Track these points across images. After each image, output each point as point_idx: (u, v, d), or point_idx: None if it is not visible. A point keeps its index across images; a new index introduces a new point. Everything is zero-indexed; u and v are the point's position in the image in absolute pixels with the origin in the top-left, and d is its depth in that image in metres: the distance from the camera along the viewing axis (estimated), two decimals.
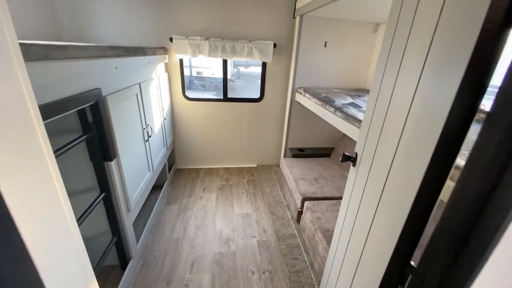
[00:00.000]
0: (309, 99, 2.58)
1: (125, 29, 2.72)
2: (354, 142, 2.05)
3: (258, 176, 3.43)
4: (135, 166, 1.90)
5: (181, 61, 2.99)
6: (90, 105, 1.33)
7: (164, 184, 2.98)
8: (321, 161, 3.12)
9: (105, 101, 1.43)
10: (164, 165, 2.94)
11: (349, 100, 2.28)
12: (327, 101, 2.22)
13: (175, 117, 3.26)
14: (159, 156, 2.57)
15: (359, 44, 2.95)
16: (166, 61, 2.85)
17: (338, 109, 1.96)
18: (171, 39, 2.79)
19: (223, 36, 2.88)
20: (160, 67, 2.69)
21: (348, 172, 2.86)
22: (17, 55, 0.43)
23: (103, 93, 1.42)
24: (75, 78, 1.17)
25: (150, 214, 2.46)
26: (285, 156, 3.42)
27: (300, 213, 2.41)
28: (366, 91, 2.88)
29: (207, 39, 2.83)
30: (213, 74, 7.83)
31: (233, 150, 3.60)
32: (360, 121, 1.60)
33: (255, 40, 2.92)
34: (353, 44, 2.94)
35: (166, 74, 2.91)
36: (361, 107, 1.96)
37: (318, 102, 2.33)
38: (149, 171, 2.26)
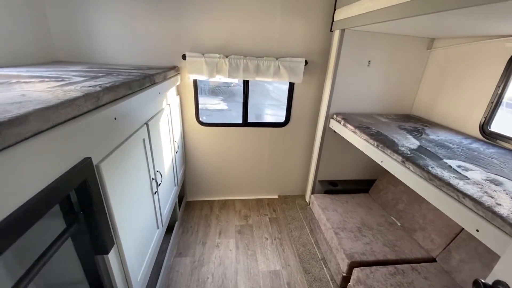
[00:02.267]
0: (354, 132, 2.09)
1: (130, 46, 2.26)
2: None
3: (282, 212, 2.95)
4: (140, 236, 1.44)
5: (195, 82, 2.53)
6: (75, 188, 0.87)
7: (174, 225, 2.52)
8: (359, 199, 2.62)
9: (97, 173, 0.97)
10: (175, 204, 2.48)
11: (413, 140, 1.78)
12: (384, 142, 1.74)
13: (187, 145, 2.81)
14: (169, 201, 2.11)
15: (409, 62, 2.45)
16: (178, 83, 2.39)
17: (409, 159, 1.47)
18: (184, 57, 2.34)
19: (245, 53, 2.42)
20: (171, 92, 2.23)
21: (395, 217, 2.39)
22: None
23: (95, 161, 0.96)
24: (43, 161, 0.71)
25: (160, 273, 1.99)
26: (314, 190, 2.93)
27: (345, 279, 1.92)
28: (419, 120, 2.38)
29: (227, 56, 2.36)
30: (220, 79, 7.51)
31: (252, 179, 3.13)
32: (468, 197, 1.11)
33: (283, 57, 2.44)
34: (401, 63, 2.45)
35: (177, 97, 2.45)
36: (441, 159, 1.47)
37: (371, 140, 1.85)
38: (158, 228, 1.79)
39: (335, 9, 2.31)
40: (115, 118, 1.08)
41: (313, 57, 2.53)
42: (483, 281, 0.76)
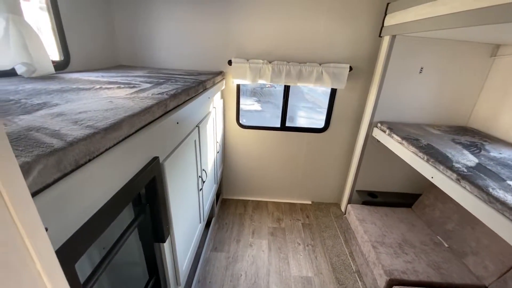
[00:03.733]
0: (400, 143, 2.00)
1: (182, 52, 2.46)
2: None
3: (315, 219, 2.92)
4: (187, 228, 1.57)
5: (238, 86, 2.65)
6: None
7: (211, 221, 2.67)
8: (401, 213, 2.48)
9: (162, 171, 1.10)
10: (213, 201, 2.62)
11: (470, 157, 1.65)
12: (436, 157, 1.63)
13: (226, 146, 2.94)
14: (209, 198, 2.25)
15: (467, 70, 2.25)
16: (223, 87, 2.53)
17: (465, 177, 1.37)
18: (229, 62, 2.46)
19: (288, 59, 2.45)
20: (217, 96, 2.36)
21: (441, 237, 2.20)
22: None
23: (161, 160, 1.08)
24: (127, 161, 0.83)
25: (197, 265, 2.14)
26: (350, 200, 2.85)
27: None
28: (477, 134, 2.17)
29: (270, 62, 2.43)
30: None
31: (286, 183, 3.15)
32: None
33: (327, 63, 2.42)
34: (459, 70, 2.25)
35: (221, 101, 2.59)
36: (504, 180, 1.34)
37: (420, 154, 1.75)
38: (200, 222, 1.93)
39: (385, 14, 2.22)
40: (177, 123, 1.20)
41: (358, 62, 2.47)
42: None
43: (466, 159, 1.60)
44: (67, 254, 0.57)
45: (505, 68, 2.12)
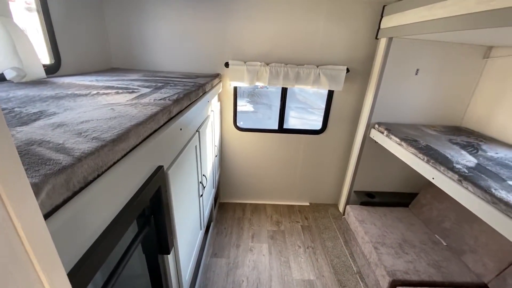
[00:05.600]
0: (399, 144, 2.02)
1: (177, 54, 2.40)
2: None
3: (314, 221, 2.92)
4: (189, 237, 1.52)
5: (235, 89, 2.61)
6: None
7: (210, 225, 2.62)
8: (399, 213, 2.51)
9: (166, 180, 1.05)
10: (212, 205, 2.57)
11: (468, 157, 1.67)
12: (436, 158, 1.65)
13: (223, 149, 2.90)
14: (209, 203, 2.20)
15: (461, 71, 2.30)
16: (220, 90, 2.49)
17: (467, 178, 1.39)
18: (226, 64, 2.42)
19: (286, 61, 2.44)
20: (215, 99, 2.32)
21: (439, 236, 2.24)
22: None
23: (165, 169, 1.04)
24: (132, 173, 0.79)
25: (198, 273, 2.09)
26: (348, 201, 2.86)
27: None
28: (472, 134, 2.22)
29: (268, 64, 2.40)
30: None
31: (284, 185, 3.14)
32: None
33: (324, 65, 2.43)
34: (453, 72, 2.30)
35: (218, 103, 2.55)
36: (505, 180, 1.36)
37: (420, 155, 1.77)
38: (201, 229, 1.88)
39: (382, 17, 2.24)
40: (180, 129, 1.16)
41: (355, 64, 2.48)
42: None
43: (465, 159, 1.63)
44: (77, 282, 0.52)
45: (497, 69, 2.18)
